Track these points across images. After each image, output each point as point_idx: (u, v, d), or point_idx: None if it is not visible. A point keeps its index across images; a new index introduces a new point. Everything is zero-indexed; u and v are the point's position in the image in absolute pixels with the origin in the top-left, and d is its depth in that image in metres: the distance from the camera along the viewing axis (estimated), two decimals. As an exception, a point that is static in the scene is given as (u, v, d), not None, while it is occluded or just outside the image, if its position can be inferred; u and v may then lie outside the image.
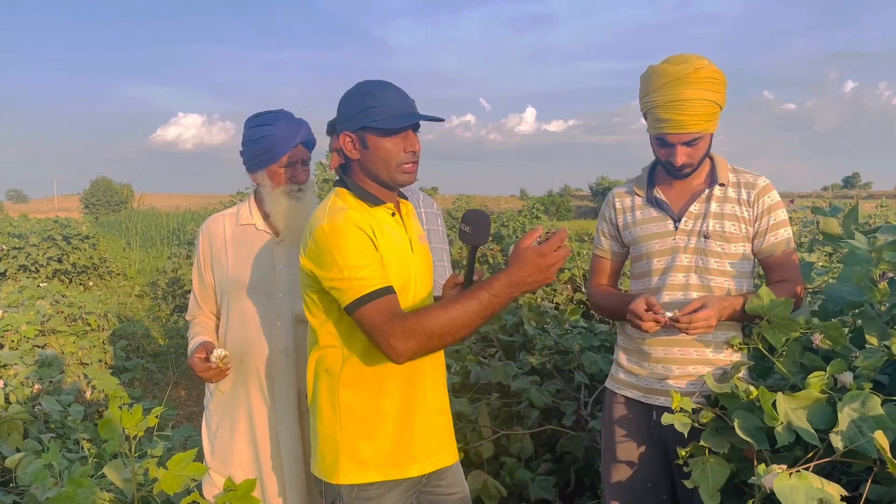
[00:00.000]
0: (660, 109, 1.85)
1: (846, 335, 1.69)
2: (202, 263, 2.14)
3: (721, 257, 1.91)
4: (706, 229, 1.91)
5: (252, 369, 2.04)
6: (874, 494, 1.47)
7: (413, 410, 1.71)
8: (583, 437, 2.93)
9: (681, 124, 1.84)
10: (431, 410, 1.75)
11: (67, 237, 11.60)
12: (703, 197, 1.94)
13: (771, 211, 1.91)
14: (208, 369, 1.95)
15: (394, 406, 1.69)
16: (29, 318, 5.16)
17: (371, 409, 1.68)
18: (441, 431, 1.78)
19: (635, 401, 2.00)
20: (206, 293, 2.16)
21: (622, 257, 2.14)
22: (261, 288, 2.04)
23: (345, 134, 1.66)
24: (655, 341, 1.94)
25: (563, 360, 3.29)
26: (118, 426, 1.90)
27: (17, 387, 3.77)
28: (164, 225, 19.97)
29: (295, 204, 2.02)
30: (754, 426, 1.58)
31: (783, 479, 1.30)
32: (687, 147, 1.87)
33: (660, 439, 1.96)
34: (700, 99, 1.82)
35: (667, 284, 1.94)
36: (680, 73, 1.83)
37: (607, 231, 2.12)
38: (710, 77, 1.84)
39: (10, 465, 2.57)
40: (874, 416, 1.40)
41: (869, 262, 1.83)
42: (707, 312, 1.77)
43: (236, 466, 2.08)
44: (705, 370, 1.89)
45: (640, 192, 2.04)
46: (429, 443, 1.73)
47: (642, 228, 2.01)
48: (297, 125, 2.03)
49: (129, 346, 6.78)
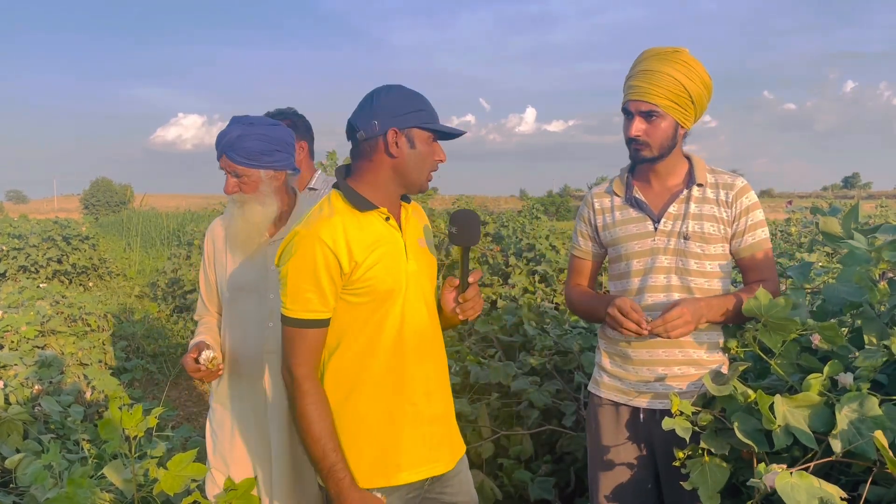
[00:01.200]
0: (629, 81, 1.90)
1: (844, 336, 1.69)
2: (207, 264, 2.17)
3: (701, 258, 1.91)
4: (686, 230, 1.91)
5: (247, 369, 2.06)
6: (873, 495, 1.47)
7: (399, 419, 1.68)
8: (583, 438, 2.92)
9: (640, 91, 1.86)
10: (423, 419, 1.72)
11: (67, 238, 11.61)
12: (681, 197, 1.94)
13: (749, 212, 1.91)
14: (198, 370, 1.97)
15: (374, 413, 1.67)
16: (29, 319, 5.16)
17: (350, 414, 1.67)
18: (434, 439, 1.74)
19: (621, 404, 1.99)
20: (211, 293, 2.20)
21: (600, 258, 2.13)
22: (254, 288, 2.06)
23: (393, 130, 1.62)
24: (639, 343, 1.93)
25: (563, 361, 3.29)
26: (118, 427, 1.90)
27: (17, 387, 3.77)
28: (163, 225, 19.96)
29: (238, 212, 2.01)
30: (753, 428, 1.58)
31: (785, 478, 1.30)
32: (644, 120, 1.87)
33: (647, 442, 1.96)
34: (666, 74, 1.84)
35: (648, 286, 1.93)
36: (658, 51, 1.89)
37: (585, 231, 2.11)
38: (685, 62, 1.86)
39: (9, 465, 2.57)
40: (873, 416, 1.40)
41: (868, 263, 1.83)
42: (679, 310, 1.76)
43: (235, 464, 2.09)
44: (691, 371, 1.90)
45: (619, 193, 2.03)
46: (418, 451, 1.71)
47: (622, 229, 2.00)
48: (222, 135, 1.98)
49: (129, 346, 6.78)
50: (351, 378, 1.67)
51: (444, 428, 1.78)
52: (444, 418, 1.79)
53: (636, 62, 1.91)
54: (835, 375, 1.56)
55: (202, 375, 1.98)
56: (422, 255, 1.77)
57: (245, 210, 2.01)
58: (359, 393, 1.67)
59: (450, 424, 1.82)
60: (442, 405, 1.78)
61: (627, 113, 1.91)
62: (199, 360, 1.97)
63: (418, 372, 1.71)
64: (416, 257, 1.74)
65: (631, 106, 1.89)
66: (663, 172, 1.96)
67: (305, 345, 1.62)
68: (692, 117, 1.91)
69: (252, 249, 2.05)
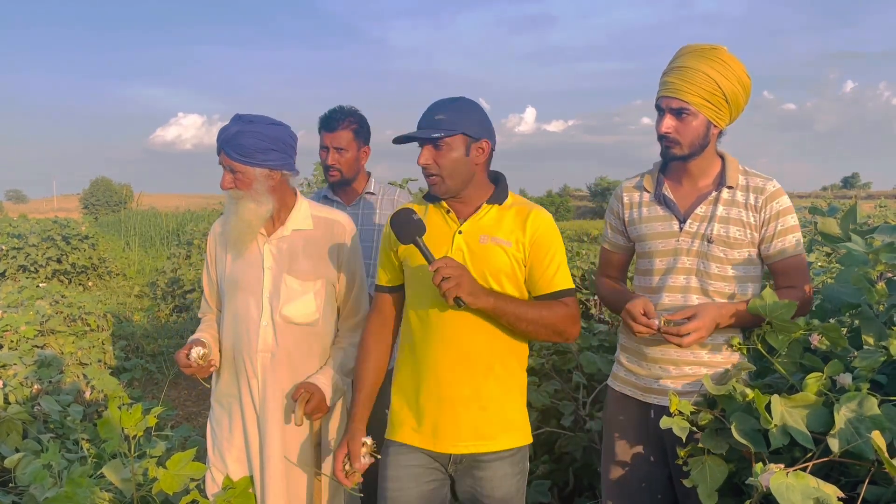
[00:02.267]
0: (664, 77, 1.89)
1: (844, 336, 1.69)
2: (209, 262, 2.19)
3: (723, 262, 1.88)
4: (710, 233, 1.88)
5: (243, 368, 2.06)
6: (871, 495, 1.47)
7: (421, 387, 1.85)
8: (581, 438, 2.92)
9: (673, 88, 1.85)
10: (452, 396, 1.82)
11: (67, 237, 11.60)
12: (710, 199, 1.91)
13: (779, 217, 1.86)
14: (189, 366, 1.99)
15: (404, 376, 1.90)
16: (28, 319, 5.16)
17: (395, 372, 1.95)
18: (459, 419, 1.82)
19: (634, 399, 2.01)
20: (212, 291, 2.22)
21: (629, 251, 2.13)
22: (250, 288, 2.06)
23: (486, 141, 1.84)
24: (653, 341, 1.93)
25: (562, 361, 3.29)
26: (117, 426, 1.91)
27: (17, 387, 3.77)
28: (163, 225, 19.96)
29: (234, 209, 2.03)
30: (751, 428, 1.58)
31: (779, 478, 1.30)
32: (675, 118, 1.86)
33: (658, 438, 1.96)
34: (700, 71, 1.82)
35: (667, 286, 1.93)
36: (694, 48, 1.86)
37: (615, 224, 2.12)
38: (722, 59, 1.83)
39: (9, 465, 2.57)
40: (871, 416, 1.40)
41: (866, 264, 1.83)
42: (696, 324, 1.76)
43: (232, 462, 2.10)
44: (702, 371, 1.89)
45: (648, 188, 2.02)
46: (439, 423, 1.83)
47: (647, 226, 1.99)
48: (223, 130, 2.00)
49: (129, 346, 6.78)
50: (400, 341, 1.98)
51: (453, 411, 1.83)
52: (456, 403, 1.83)
53: (673, 58, 1.89)
54: (835, 376, 1.57)
55: (193, 371, 2.00)
56: (474, 250, 1.82)
57: (239, 207, 2.02)
58: (400, 356, 1.95)
59: (467, 411, 1.83)
60: (456, 390, 1.82)
61: (659, 109, 1.89)
62: (189, 356, 1.98)
63: (427, 354, 1.84)
64: (464, 250, 1.82)
65: (663, 102, 1.87)
66: (695, 172, 1.94)
67: (374, 304, 2.01)
68: (727, 117, 1.88)
69: (244, 247, 2.06)
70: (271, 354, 2.04)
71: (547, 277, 1.83)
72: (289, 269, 2.06)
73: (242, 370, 2.06)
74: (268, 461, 2.02)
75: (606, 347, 3.23)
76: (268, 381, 2.04)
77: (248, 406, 2.07)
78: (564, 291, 1.84)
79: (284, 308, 2.04)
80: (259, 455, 2.05)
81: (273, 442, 2.02)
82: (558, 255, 1.86)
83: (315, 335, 2.10)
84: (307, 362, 2.08)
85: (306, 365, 2.08)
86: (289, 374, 2.04)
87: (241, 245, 2.05)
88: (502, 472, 1.85)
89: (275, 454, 2.02)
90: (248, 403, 2.07)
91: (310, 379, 2.03)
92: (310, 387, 1.99)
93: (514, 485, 1.87)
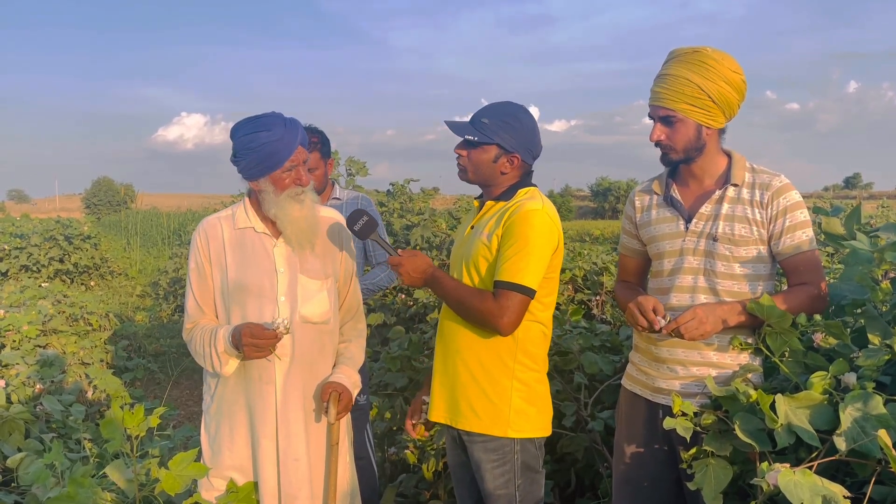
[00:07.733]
0: (652, 86, 1.91)
1: (848, 334, 1.69)
2: (205, 265, 2.05)
3: (729, 261, 1.87)
4: (715, 232, 1.88)
5: (253, 374, 2.00)
6: (878, 494, 1.47)
7: (437, 364, 2.12)
8: (583, 438, 2.92)
9: (658, 96, 1.87)
10: (437, 375, 2.10)
11: (69, 237, 11.62)
12: (714, 198, 1.91)
13: (787, 213, 1.83)
14: (273, 337, 1.86)
15: (437, 355, 2.13)
16: (30, 318, 5.16)
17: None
18: (453, 393, 2.05)
19: (644, 399, 2.01)
20: (206, 295, 2.07)
21: (644, 256, 2.13)
22: (262, 291, 1.99)
23: (516, 156, 2.03)
24: (662, 342, 1.93)
25: (563, 361, 3.28)
26: (120, 426, 1.90)
27: (19, 386, 3.77)
28: (165, 225, 19.99)
29: (300, 207, 1.99)
30: (756, 428, 1.58)
31: (788, 475, 1.30)
32: (664, 125, 1.88)
33: (666, 438, 1.96)
34: (682, 77, 1.83)
35: (675, 286, 1.93)
36: (678, 53, 1.88)
37: (629, 229, 2.14)
38: (703, 62, 1.83)
39: (11, 464, 2.58)
40: (877, 415, 1.40)
41: (871, 262, 1.83)
42: (691, 311, 1.75)
43: (235, 471, 2.04)
44: (709, 372, 1.88)
45: (658, 191, 2.03)
46: (436, 395, 2.10)
47: (656, 228, 2.00)
48: (294, 128, 1.97)
49: (131, 346, 6.79)
50: None
51: (446, 392, 2.08)
52: (448, 384, 2.07)
53: (662, 65, 1.91)
54: (840, 375, 1.56)
55: (267, 343, 1.87)
56: (466, 242, 2.09)
57: (307, 200, 1.99)
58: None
59: (452, 391, 2.06)
60: (450, 375, 2.06)
61: (651, 117, 1.92)
62: (275, 323, 1.85)
63: (438, 340, 2.12)
64: (464, 243, 2.10)
65: (651, 111, 1.90)
66: (699, 172, 1.95)
67: None
68: (719, 116, 1.87)
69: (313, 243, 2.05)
70: (290, 358, 2.00)
71: (498, 266, 1.94)
72: (301, 269, 2.03)
73: (252, 376, 2.00)
74: (291, 462, 2.00)
75: (608, 348, 3.23)
76: (287, 384, 1.99)
77: (260, 413, 2.00)
78: (504, 283, 1.91)
79: (302, 308, 2.00)
80: (276, 459, 2.00)
81: (298, 444, 1.99)
82: (518, 248, 1.91)
83: (328, 333, 2.09)
84: (321, 361, 2.07)
85: (320, 363, 2.06)
86: (306, 374, 2.02)
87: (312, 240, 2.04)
88: (480, 457, 2.01)
89: (302, 456, 1.99)
90: (260, 410, 2.00)
91: (333, 378, 2.03)
92: (337, 386, 1.99)
93: (500, 476, 2.00)
